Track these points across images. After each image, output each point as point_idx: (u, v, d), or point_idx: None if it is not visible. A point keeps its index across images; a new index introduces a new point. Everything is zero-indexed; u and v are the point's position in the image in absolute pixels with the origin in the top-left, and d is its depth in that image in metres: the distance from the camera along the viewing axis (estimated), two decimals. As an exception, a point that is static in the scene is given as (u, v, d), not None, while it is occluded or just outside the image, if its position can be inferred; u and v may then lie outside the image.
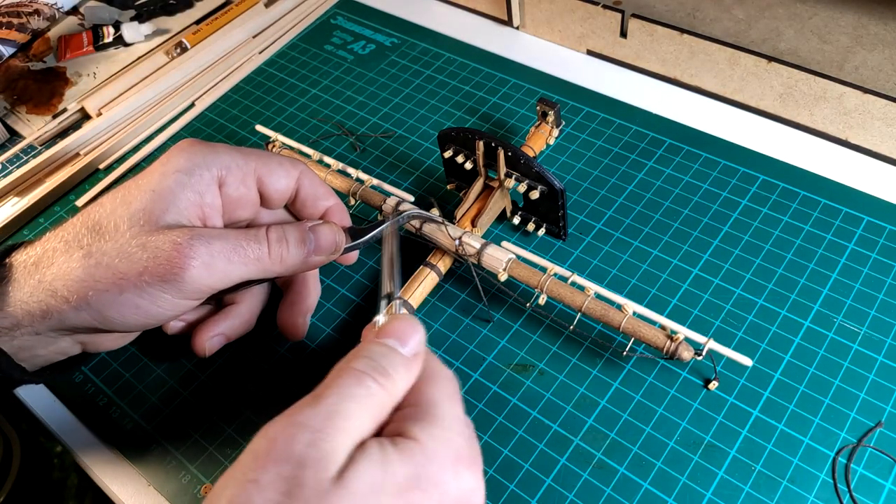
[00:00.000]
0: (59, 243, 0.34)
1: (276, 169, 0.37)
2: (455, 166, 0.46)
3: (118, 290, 0.32)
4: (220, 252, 0.33)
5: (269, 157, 0.38)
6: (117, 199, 0.34)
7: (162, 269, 0.32)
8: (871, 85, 0.47)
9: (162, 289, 0.32)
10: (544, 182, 0.41)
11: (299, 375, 0.42)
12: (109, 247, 0.32)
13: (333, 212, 0.40)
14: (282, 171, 0.38)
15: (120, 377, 0.43)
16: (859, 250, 0.43)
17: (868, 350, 0.38)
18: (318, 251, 0.37)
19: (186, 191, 0.34)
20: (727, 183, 0.47)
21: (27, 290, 0.33)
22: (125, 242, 0.32)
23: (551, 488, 0.36)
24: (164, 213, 0.33)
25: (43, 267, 0.33)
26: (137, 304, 0.33)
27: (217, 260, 0.33)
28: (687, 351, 0.35)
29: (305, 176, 0.39)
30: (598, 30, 0.56)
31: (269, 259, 0.35)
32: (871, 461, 0.35)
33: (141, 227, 0.32)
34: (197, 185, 0.34)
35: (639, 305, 0.37)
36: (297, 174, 0.38)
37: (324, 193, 0.40)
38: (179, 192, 0.34)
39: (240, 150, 0.37)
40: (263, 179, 0.37)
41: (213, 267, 0.33)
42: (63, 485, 0.55)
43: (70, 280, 0.32)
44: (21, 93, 0.63)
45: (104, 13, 0.68)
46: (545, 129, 0.49)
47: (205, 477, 0.38)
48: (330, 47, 0.64)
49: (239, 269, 0.34)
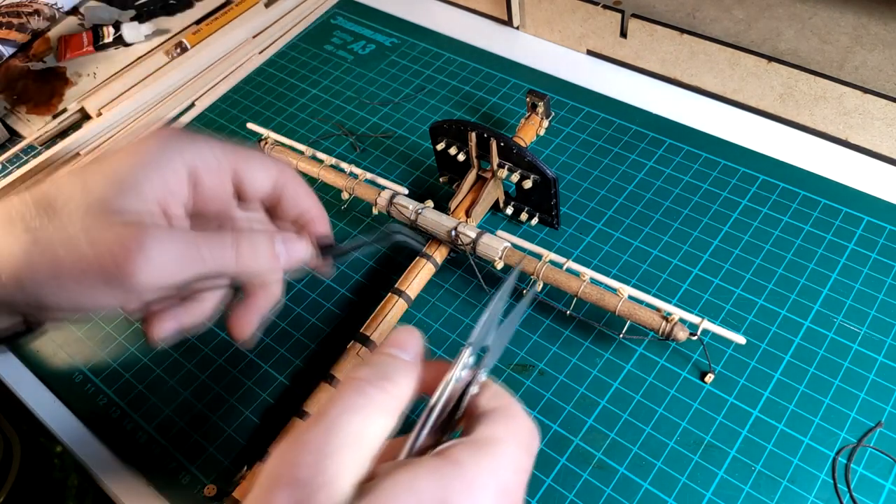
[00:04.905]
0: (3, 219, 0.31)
1: (256, 165, 0.35)
2: (447, 158, 0.46)
3: (56, 282, 0.30)
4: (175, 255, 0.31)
5: (252, 153, 0.36)
6: (76, 183, 0.31)
7: (104, 266, 0.30)
8: (871, 85, 0.47)
9: (104, 286, 0.30)
10: (537, 171, 0.41)
11: (299, 375, 0.42)
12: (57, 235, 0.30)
13: (315, 221, 0.38)
14: (262, 169, 0.36)
15: (120, 378, 0.43)
16: (859, 250, 0.43)
17: (868, 350, 0.38)
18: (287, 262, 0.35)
19: (152, 177, 0.32)
20: (727, 183, 0.47)
21: None
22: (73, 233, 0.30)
23: (551, 488, 0.36)
24: (123, 204, 0.31)
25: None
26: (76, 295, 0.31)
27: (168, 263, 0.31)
28: (682, 331, 0.36)
29: (288, 179, 0.37)
30: (598, 30, 0.56)
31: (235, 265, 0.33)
32: (871, 461, 0.35)
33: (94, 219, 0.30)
34: (164, 173, 0.32)
35: (634, 289, 0.37)
36: (278, 174, 0.36)
37: (306, 200, 0.37)
38: (143, 178, 0.31)
39: (221, 146, 0.35)
40: (241, 175, 0.35)
41: (162, 269, 0.30)
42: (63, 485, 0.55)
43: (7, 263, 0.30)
44: (21, 93, 0.63)
45: (104, 13, 0.68)
46: (535, 119, 0.50)
47: (205, 477, 0.38)
48: (330, 47, 0.64)
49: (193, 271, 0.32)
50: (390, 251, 0.47)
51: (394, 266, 0.46)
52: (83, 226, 0.31)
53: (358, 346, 0.40)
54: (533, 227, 0.47)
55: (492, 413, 0.25)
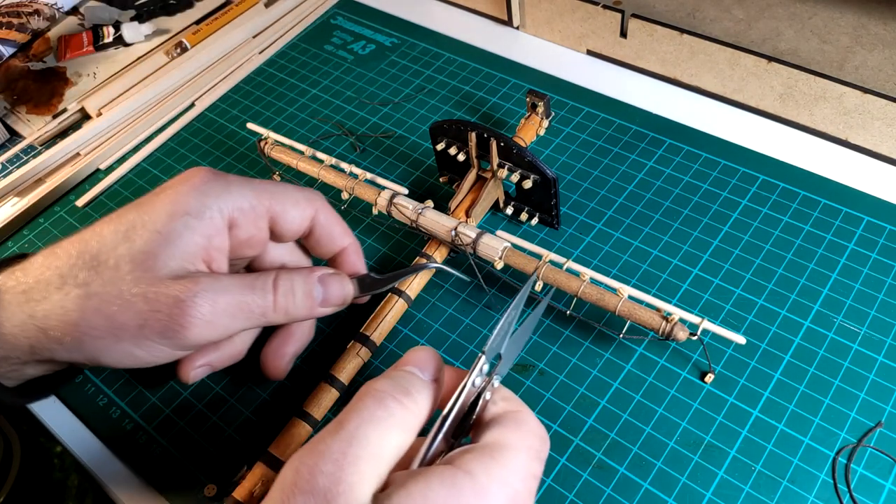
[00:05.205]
0: (53, 275, 0.31)
1: (290, 208, 0.36)
2: (447, 158, 0.46)
3: (115, 339, 0.31)
4: (224, 309, 0.32)
5: (284, 193, 0.36)
6: (119, 234, 0.32)
7: (162, 326, 0.30)
8: (871, 85, 0.47)
9: (160, 342, 0.31)
10: (537, 171, 0.41)
11: (299, 375, 0.42)
12: (108, 290, 0.31)
13: (348, 253, 0.38)
14: (296, 210, 0.36)
15: (120, 377, 0.43)
16: (859, 250, 0.43)
17: (868, 350, 0.38)
18: (324, 304, 0.35)
19: (194, 235, 0.32)
20: (727, 183, 0.47)
21: (17, 324, 0.31)
22: (126, 289, 0.31)
23: (551, 488, 0.36)
24: (169, 258, 0.31)
25: (34, 301, 0.31)
26: (133, 353, 0.31)
27: (220, 317, 0.32)
28: (682, 331, 0.36)
29: (321, 213, 0.37)
30: (598, 30, 0.56)
31: (274, 312, 0.33)
32: (871, 461, 0.35)
33: (143, 272, 0.31)
34: (205, 229, 0.33)
35: (634, 289, 0.38)
36: (313, 212, 0.37)
37: (340, 232, 0.38)
38: (187, 235, 0.32)
39: (252, 187, 0.35)
40: (276, 219, 0.35)
41: (214, 324, 0.31)
42: (63, 485, 0.55)
43: (64, 322, 0.31)
44: (21, 93, 0.63)
45: (104, 13, 0.68)
46: (535, 119, 0.50)
47: (205, 477, 0.38)
48: (330, 47, 0.64)
49: (241, 324, 0.33)
50: (390, 251, 0.47)
51: (394, 267, 0.46)
52: (133, 279, 0.31)
53: (358, 345, 0.40)
54: (533, 227, 0.47)
55: (502, 419, 0.26)
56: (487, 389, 0.26)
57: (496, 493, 0.23)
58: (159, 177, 0.55)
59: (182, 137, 0.58)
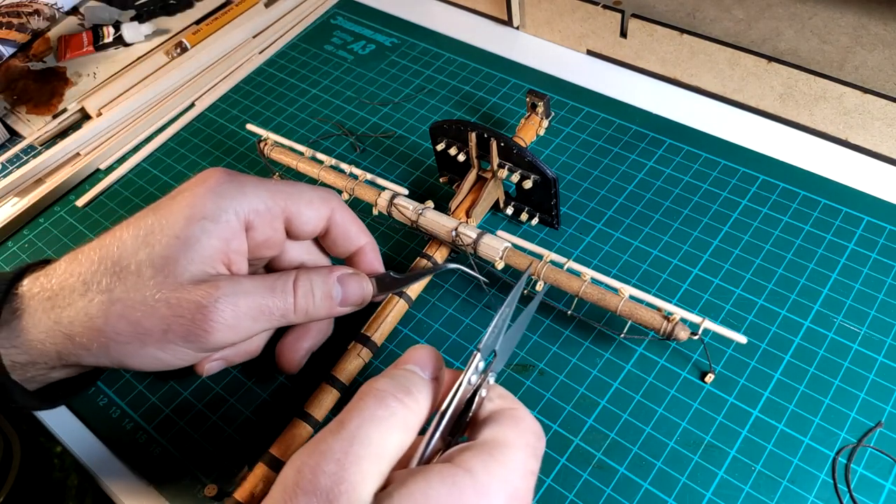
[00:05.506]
0: (77, 282, 0.32)
1: (305, 209, 0.36)
2: (447, 159, 0.46)
3: (140, 343, 0.32)
4: (245, 313, 0.32)
5: (299, 193, 0.36)
6: (138, 238, 0.32)
7: (185, 330, 0.31)
8: (871, 85, 0.47)
9: (184, 346, 0.32)
10: (537, 171, 0.42)
11: (300, 375, 0.42)
12: (132, 296, 0.31)
13: (365, 252, 0.39)
14: (311, 210, 0.36)
15: (120, 378, 0.43)
16: (859, 250, 0.43)
17: (868, 350, 0.38)
18: (343, 303, 0.36)
19: (212, 238, 0.32)
20: (727, 183, 0.47)
21: (42, 330, 0.32)
22: (149, 294, 0.31)
23: (551, 488, 0.36)
24: (189, 262, 0.32)
25: (59, 307, 0.32)
26: (158, 356, 0.32)
27: (241, 321, 0.32)
28: (683, 331, 0.36)
29: (337, 212, 0.37)
30: (598, 30, 0.56)
31: (294, 314, 0.34)
32: (871, 461, 0.35)
33: (164, 277, 0.31)
34: (223, 233, 0.33)
35: (634, 289, 0.38)
36: (328, 212, 0.37)
37: (356, 231, 0.38)
38: (205, 239, 0.32)
39: (267, 188, 0.35)
40: (292, 220, 0.36)
41: (237, 328, 0.32)
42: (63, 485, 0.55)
43: (90, 328, 0.31)
44: (21, 93, 0.63)
45: (104, 13, 0.68)
46: (535, 119, 0.50)
47: (205, 477, 0.38)
48: (330, 47, 0.64)
49: (262, 326, 0.33)
50: (391, 251, 0.47)
51: (394, 267, 0.46)
52: (155, 284, 0.31)
53: (359, 346, 0.40)
54: (533, 227, 0.47)
55: (498, 416, 0.26)
56: (483, 387, 0.26)
57: (497, 491, 0.23)
58: (159, 177, 0.55)
59: (182, 137, 0.58)
